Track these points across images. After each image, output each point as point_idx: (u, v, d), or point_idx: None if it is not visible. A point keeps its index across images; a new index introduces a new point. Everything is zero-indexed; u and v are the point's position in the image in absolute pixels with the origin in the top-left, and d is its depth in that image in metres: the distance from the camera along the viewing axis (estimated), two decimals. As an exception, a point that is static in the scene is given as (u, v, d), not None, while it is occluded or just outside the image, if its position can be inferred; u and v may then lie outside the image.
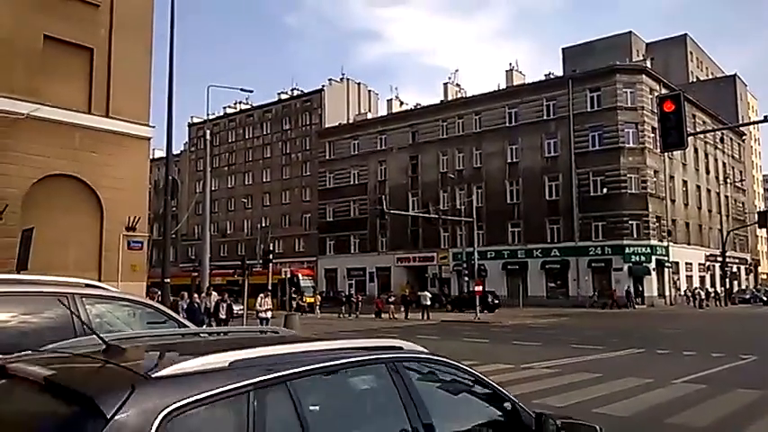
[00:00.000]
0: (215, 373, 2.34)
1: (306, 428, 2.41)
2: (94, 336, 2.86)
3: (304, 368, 2.57)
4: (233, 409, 2.30)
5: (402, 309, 36.99)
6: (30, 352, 3.03)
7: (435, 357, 3.27)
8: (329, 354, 2.76)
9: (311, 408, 2.54)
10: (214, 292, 23.47)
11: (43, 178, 16.00)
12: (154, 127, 18.64)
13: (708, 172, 59.50)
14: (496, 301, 41.61)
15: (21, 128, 15.41)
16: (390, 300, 37.53)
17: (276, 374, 2.46)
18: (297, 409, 2.43)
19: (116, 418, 2.03)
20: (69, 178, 16.55)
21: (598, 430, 3.47)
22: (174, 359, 2.49)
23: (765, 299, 48.61)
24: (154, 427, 2.08)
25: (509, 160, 52.51)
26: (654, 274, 47.09)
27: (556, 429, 3.29)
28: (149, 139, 18.62)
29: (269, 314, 22.95)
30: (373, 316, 36.49)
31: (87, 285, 5.39)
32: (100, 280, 11.32)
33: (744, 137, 74.34)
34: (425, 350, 3.24)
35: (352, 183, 63.10)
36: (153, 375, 2.24)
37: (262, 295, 23.57)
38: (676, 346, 17.98)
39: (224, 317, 21.32)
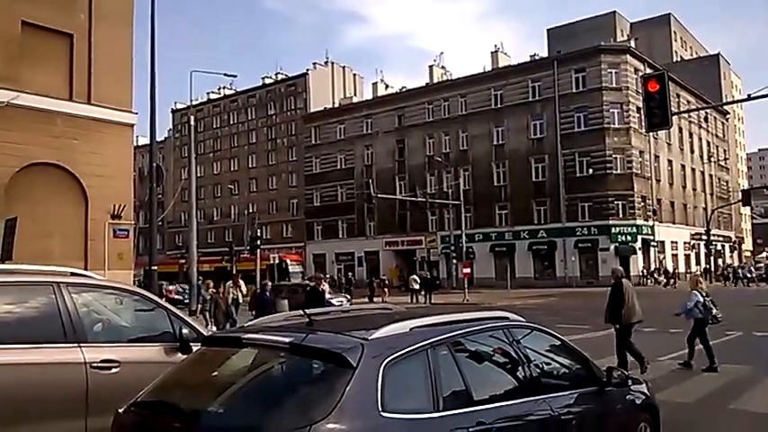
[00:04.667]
0: (402, 336, 3.31)
1: (463, 374, 3.40)
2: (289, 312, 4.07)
3: (455, 333, 3.59)
4: (419, 361, 3.22)
5: (422, 292, 36.35)
6: (245, 326, 4.08)
7: (534, 325, 4.35)
8: (468, 323, 3.80)
9: (465, 360, 3.57)
10: (241, 282, 20.24)
11: (25, 167, 15.77)
12: (137, 113, 18.43)
13: (692, 151, 59.90)
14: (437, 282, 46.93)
15: (0, 116, 15.15)
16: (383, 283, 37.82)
17: (441, 337, 3.44)
18: (456, 361, 3.43)
19: (359, 366, 2.94)
20: (52, 167, 16.32)
21: (643, 382, 5.09)
22: (371, 328, 3.29)
23: (749, 276, 49.00)
24: (380, 372, 2.99)
25: (495, 142, 52.52)
26: (640, 253, 47.54)
27: (619, 379, 4.45)
28: (132, 125, 18.39)
29: (285, 301, 21.18)
30: (366, 300, 36.45)
31: (73, 274, 5.37)
32: (86, 269, 11.23)
33: (728, 116, 74.80)
34: (524, 319, 4.30)
35: (338, 167, 62.88)
36: (369, 338, 3.16)
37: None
38: (662, 324, 18.17)
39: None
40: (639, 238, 47.42)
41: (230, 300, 18.40)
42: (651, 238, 48.92)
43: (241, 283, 19.98)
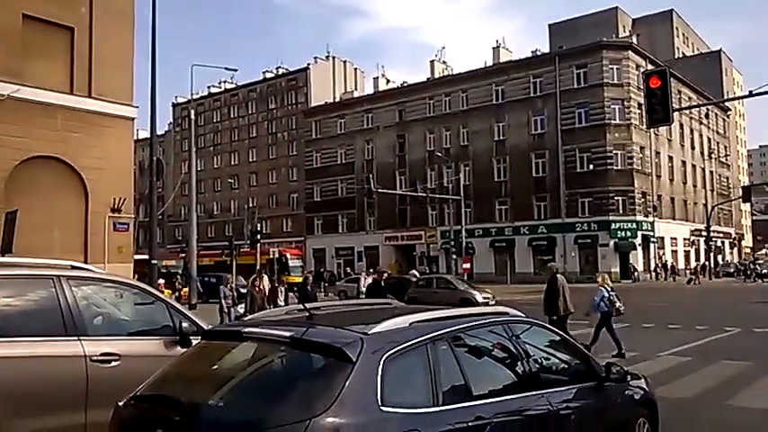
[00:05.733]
0: (402, 330, 3.31)
1: (462, 369, 3.41)
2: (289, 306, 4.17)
3: (455, 328, 3.60)
4: (419, 355, 3.23)
5: None
6: (245, 320, 4.09)
7: (533, 320, 4.37)
8: (468, 318, 3.85)
9: (465, 355, 3.59)
10: (266, 276, 19.15)
11: (26, 160, 15.78)
12: (137, 107, 18.42)
13: (693, 147, 59.84)
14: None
15: (1, 109, 15.14)
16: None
17: (440, 332, 3.45)
18: (455, 356, 3.46)
19: (359, 360, 2.94)
20: (52, 160, 16.33)
21: (642, 378, 5.04)
22: (371, 322, 3.29)
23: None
24: (380, 366, 3.00)
25: (496, 138, 52.46)
26: (639, 249, 47.56)
27: (618, 374, 4.43)
28: (133, 119, 18.40)
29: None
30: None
31: (73, 267, 5.36)
32: (86, 262, 11.24)
33: (729, 112, 74.68)
34: (523, 315, 4.31)
35: (339, 162, 62.83)
36: (369, 332, 3.16)
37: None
38: (662, 320, 18.21)
39: (282, 303, 18.47)
40: (639, 233, 47.43)
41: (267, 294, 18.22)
42: (651, 234, 48.94)
43: (265, 277, 19.47)
